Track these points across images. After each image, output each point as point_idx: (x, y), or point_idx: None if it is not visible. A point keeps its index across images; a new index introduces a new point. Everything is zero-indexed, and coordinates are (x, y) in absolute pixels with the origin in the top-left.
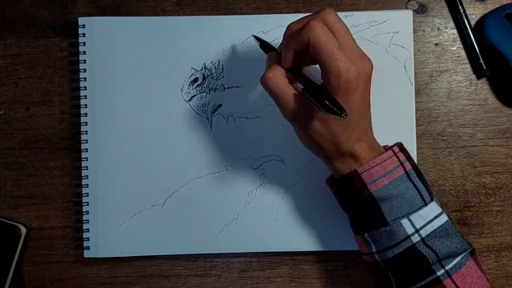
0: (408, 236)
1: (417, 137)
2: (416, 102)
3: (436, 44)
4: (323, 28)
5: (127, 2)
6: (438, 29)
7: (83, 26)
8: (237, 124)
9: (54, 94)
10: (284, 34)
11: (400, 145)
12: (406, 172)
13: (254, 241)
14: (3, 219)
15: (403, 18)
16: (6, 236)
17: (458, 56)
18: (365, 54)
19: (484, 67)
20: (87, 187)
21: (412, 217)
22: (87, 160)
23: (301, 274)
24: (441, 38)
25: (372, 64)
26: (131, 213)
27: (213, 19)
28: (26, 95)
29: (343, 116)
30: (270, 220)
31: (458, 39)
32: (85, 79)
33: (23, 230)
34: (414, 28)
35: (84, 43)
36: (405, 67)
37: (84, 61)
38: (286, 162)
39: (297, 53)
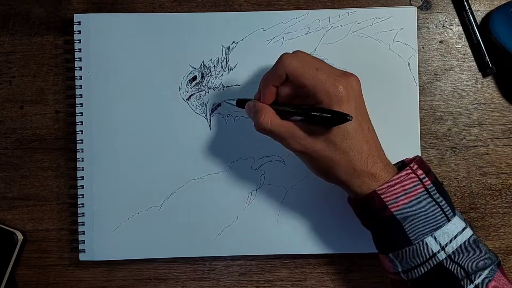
0: (434, 254)
1: (421, 137)
2: (420, 101)
3: (441, 42)
4: (296, 57)
5: None
6: (443, 26)
7: (79, 23)
8: (237, 124)
9: (49, 93)
10: (261, 80)
11: (419, 160)
12: (426, 189)
13: (254, 243)
14: (0, 225)
15: (407, 14)
16: (2, 242)
17: (464, 54)
18: (347, 71)
19: (490, 65)
20: (83, 188)
21: (436, 234)
22: (82, 160)
23: (302, 277)
24: (446, 35)
25: (357, 78)
26: (127, 215)
27: (212, 15)
28: (20, 93)
29: (349, 119)
30: (270, 222)
31: (464, 36)
32: (80, 77)
33: (20, 236)
34: (418, 25)
35: (80, 41)
36: (409, 65)
37: (80, 59)
38: (287, 163)
39: (276, 89)
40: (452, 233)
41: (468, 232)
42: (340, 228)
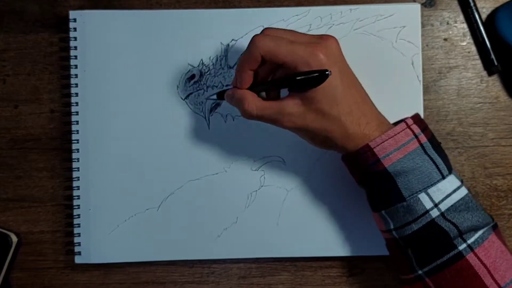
0: (427, 211)
1: None
2: (424, 100)
3: (445, 39)
4: (268, 36)
5: None
6: (447, 23)
7: (74, 20)
8: (236, 123)
9: (44, 92)
10: (237, 66)
11: (416, 117)
12: (421, 145)
13: (254, 246)
14: None
15: (411, 11)
16: None
17: (469, 52)
18: (323, 35)
19: (496, 63)
20: (78, 189)
21: (430, 191)
22: (78, 161)
23: (303, 281)
24: (450, 32)
25: (335, 39)
26: (124, 217)
27: (211, 12)
28: (14, 92)
29: (328, 73)
30: (270, 224)
31: (469, 33)
32: (76, 75)
33: (14, 239)
34: (422, 22)
35: (75, 38)
36: (412, 63)
37: (75, 56)
38: (287, 163)
39: (253, 73)
40: (446, 191)
41: (463, 191)
42: (342, 231)
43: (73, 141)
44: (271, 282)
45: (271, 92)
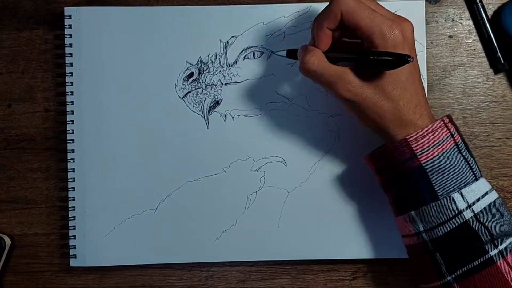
0: (460, 212)
1: None
2: (428, 98)
3: (450, 36)
4: None
5: None
6: (453, 20)
7: (69, 16)
8: (236, 123)
9: (38, 90)
10: (313, 23)
11: (449, 117)
12: (456, 144)
13: (253, 249)
14: None
15: (415, 8)
16: None
17: (474, 49)
18: (401, 16)
19: (502, 61)
20: (74, 190)
21: (463, 191)
22: (73, 161)
23: (304, 284)
24: (455, 29)
25: (412, 25)
26: (121, 219)
27: (209, 9)
28: (7, 91)
29: (410, 60)
30: (271, 226)
31: (474, 30)
32: (71, 74)
33: (8, 241)
34: (426, 19)
35: (70, 35)
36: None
37: (70, 54)
38: (288, 164)
39: (331, 33)
40: (480, 192)
41: (495, 195)
42: (344, 233)
43: (68, 141)
44: (271, 285)
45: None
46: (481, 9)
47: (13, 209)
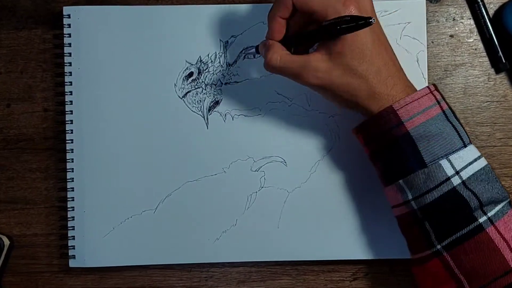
0: (448, 178)
1: None
2: None
3: (451, 36)
4: None
5: None
6: (454, 19)
7: (68, 16)
8: (236, 123)
9: (37, 90)
10: (267, 18)
11: (435, 85)
12: (443, 111)
13: (253, 249)
14: None
15: (416, 7)
16: None
17: (475, 49)
18: None
19: (504, 61)
20: (73, 190)
21: (451, 157)
22: (72, 161)
23: (304, 285)
24: (456, 29)
25: None
26: (120, 219)
27: (209, 8)
28: (6, 91)
29: (371, 22)
30: (271, 227)
31: (475, 30)
32: (70, 73)
33: (7, 241)
34: (427, 18)
35: (70, 35)
36: (417, 61)
37: (70, 54)
38: (288, 164)
39: (285, 22)
40: (468, 159)
41: (483, 162)
42: (345, 233)
43: (67, 141)
44: (272, 286)
45: (300, 47)
46: (482, 8)
47: (12, 210)
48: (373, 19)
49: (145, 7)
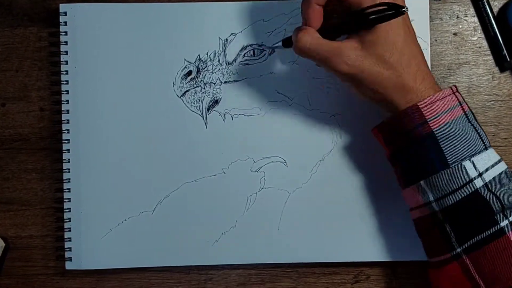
0: (471, 180)
1: None
2: None
3: (455, 34)
4: None
5: None
6: (457, 17)
7: (65, 13)
8: (235, 122)
9: (33, 89)
10: (301, 3)
11: (456, 87)
12: (465, 113)
13: (253, 251)
14: None
15: (419, 4)
16: None
17: (479, 47)
18: None
19: (508, 59)
20: (69, 191)
21: (474, 159)
22: (69, 162)
23: None
24: (460, 27)
25: None
26: (117, 221)
27: (208, 5)
28: (1, 90)
29: (404, 10)
30: (271, 228)
31: (479, 28)
32: (66, 72)
33: (2, 244)
34: (430, 16)
35: (66, 33)
36: None
37: (66, 52)
38: (289, 164)
39: (321, 9)
40: (490, 161)
41: (504, 165)
42: (346, 235)
43: (63, 141)
44: None
45: (331, 34)
46: (487, 6)
47: (7, 211)
48: (406, 8)
49: (143, 4)
